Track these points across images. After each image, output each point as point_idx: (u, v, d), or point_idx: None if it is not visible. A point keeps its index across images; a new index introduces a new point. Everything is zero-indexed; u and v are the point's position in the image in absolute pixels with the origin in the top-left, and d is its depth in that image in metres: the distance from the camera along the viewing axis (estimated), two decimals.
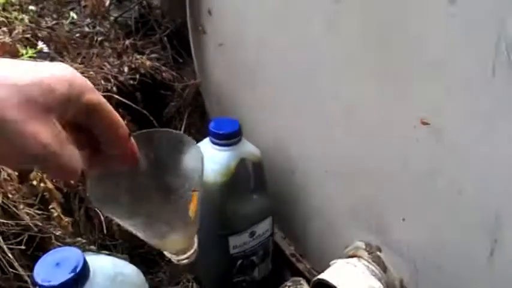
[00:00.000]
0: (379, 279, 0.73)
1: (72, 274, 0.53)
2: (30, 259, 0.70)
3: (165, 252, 0.49)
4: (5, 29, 0.74)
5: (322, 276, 0.74)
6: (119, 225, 0.78)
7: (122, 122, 0.36)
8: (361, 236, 0.78)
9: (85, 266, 0.55)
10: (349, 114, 0.68)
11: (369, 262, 0.75)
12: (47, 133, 0.29)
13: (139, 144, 0.38)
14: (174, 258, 0.49)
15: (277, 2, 0.73)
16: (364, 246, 0.77)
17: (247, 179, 0.86)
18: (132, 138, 0.37)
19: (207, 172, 0.80)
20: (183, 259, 0.49)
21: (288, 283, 0.90)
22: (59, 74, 0.31)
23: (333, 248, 0.88)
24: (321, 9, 0.64)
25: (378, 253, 0.75)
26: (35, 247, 0.69)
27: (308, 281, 0.91)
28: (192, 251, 0.49)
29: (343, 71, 0.66)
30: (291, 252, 0.99)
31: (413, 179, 0.62)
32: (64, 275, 0.53)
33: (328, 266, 0.89)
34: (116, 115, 0.35)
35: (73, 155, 0.32)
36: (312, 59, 0.72)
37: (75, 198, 0.78)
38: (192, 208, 0.42)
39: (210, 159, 0.81)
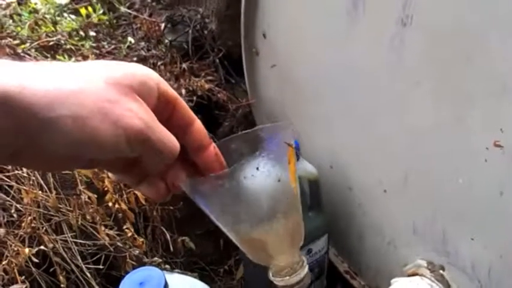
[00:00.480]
0: None
1: None
2: (104, 277, 0.73)
3: (272, 277, 0.43)
4: (79, 58, 0.78)
5: None
6: (183, 243, 0.81)
7: (200, 124, 0.36)
8: (422, 254, 0.78)
9: (166, 285, 0.57)
10: (414, 134, 0.69)
11: (431, 281, 0.75)
12: (140, 109, 0.30)
13: (241, 145, 0.38)
14: (285, 282, 0.42)
15: (336, 23, 0.75)
16: (426, 265, 0.77)
17: (304, 197, 0.87)
18: (215, 145, 0.36)
19: None
20: (296, 283, 0.42)
21: None
22: (137, 66, 0.33)
23: (389, 265, 0.88)
24: (386, 31, 0.65)
25: (441, 271, 0.75)
26: (108, 266, 0.72)
27: None
28: (304, 271, 0.43)
29: (407, 92, 0.67)
30: (345, 269, 1.00)
31: (481, 198, 0.62)
32: None
33: (385, 283, 0.89)
34: (192, 113, 0.35)
35: (168, 133, 0.32)
36: (372, 79, 0.73)
37: (140, 217, 0.81)
38: (291, 170, 0.39)
39: None
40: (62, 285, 0.65)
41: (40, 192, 0.66)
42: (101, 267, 0.68)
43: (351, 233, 0.94)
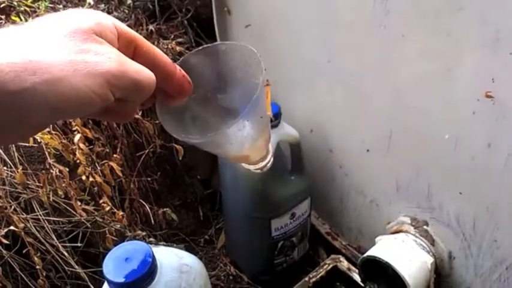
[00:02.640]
0: (428, 253, 0.74)
1: (144, 269, 0.52)
2: (82, 255, 0.69)
3: (247, 166, 0.48)
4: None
5: (371, 253, 0.75)
6: (164, 215, 0.77)
7: (161, 53, 0.35)
8: (406, 211, 0.78)
9: (154, 259, 0.54)
10: (399, 89, 0.67)
11: (416, 236, 0.76)
12: (107, 49, 0.29)
13: (203, 60, 0.38)
14: (252, 167, 0.47)
15: None
16: (409, 221, 0.78)
17: (286, 161, 0.85)
18: (178, 68, 0.36)
19: None
20: (263, 167, 0.47)
21: (328, 261, 0.91)
22: (88, 10, 0.31)
23: (371, 224, 0.88)
24: None
25: (425, 227, 0.76)
26: (86, 243, 0.68)
27: (346, 258, 0.92)
28: (270, 155, 0.47)
29: (393, 47, 0.65)
30: (326, 231, 1.00)
31: (469, 152, 0.62)
32: (136, 270, 0.52)
33: (367, 242, 0.90)
34: (153, 46, 0.34)
35: (140, 65, 0.31)
36: (356, 34, 0.70)
37: (116, 190, 0.77)
38: (268, 102, 0.40)
39: None
40: (37, 267, 0.60)
41: (4, 168, 0.60)
42: (78, 244, 0.64)
43: (332, 195, 0.93)
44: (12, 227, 0.59)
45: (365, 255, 0.75)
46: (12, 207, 0.60)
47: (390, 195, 0.80)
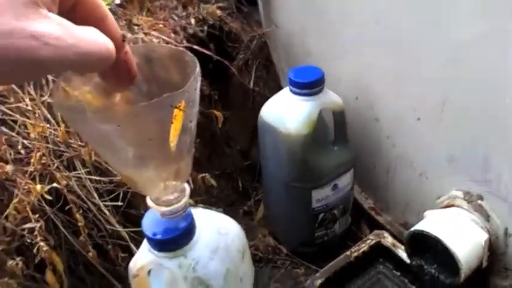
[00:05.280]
0: (482, 229, 0.69)
1: (183, 227, 0.52)
2: (123, 216, 0.69)
3: (150, 202, 0.45)
4: None
5: (419, 227, 0.70)
6: (203, 180, 0.76)
7: (114, 21, 0.29)
8: (458, 184, 0.73)
9: (192, 219, 0.53)
10: (456, 50, 0.62)
11: (469, 212, 0.71)
12: (48, 26, 0.23)
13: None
14: (161, 211, 0.44)
15: None
16: (462, 195, 0.73)
17: (329, 129, 0.82)
18: (127, 47, 0.30)
19: (288, 124, 0.77)
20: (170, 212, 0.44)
21: (371, 236, 0.87)
22: None
23: (420, 199, 0.84)
24: None
25: (479, 201, 0.71)
26: (127, 204, 0.68)
27: (391, 234, 0.88)
28: (180, 203, 0.45)
29: (446, 6, 0.59)
30: (370, 206, 0.96)
31: None
32: (175, 228, 0.52)
33: (414, 218, 0.85)
34: (104, 7, 0.29)
35: (92, 32, 0.26)
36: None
37: None
38: (174, 129, 0.36)
39: (292, 110, 0.77)
40: (79, 224, 0.60)
41: (47, 126, 0.60)
42: (119, 204, 0.64)
43: (377, 168, 0.89)
44: (55, 184, 0.59)
45: (412, 229, 0.71)
46: (55, 164, 0.60)
47: (442, 168, 0.75)
